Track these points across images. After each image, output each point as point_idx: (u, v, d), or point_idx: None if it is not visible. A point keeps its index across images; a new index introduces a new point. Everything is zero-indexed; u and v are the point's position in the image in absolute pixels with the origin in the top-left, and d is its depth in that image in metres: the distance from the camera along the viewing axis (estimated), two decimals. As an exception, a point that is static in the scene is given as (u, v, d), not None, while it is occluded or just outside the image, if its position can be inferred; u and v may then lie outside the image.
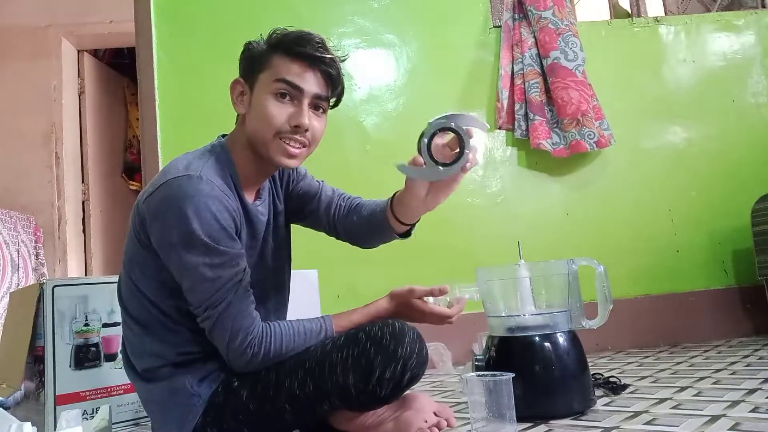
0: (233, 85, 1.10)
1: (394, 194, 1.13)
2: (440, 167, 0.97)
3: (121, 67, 4.05)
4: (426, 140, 0.96)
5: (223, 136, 1.15)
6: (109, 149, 3.83)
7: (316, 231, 1.30)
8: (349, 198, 1.28)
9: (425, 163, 0.97)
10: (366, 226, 1.21)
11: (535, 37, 2.21)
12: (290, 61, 1.04)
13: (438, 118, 0.96)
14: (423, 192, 1.03)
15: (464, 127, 0.96)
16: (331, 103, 1.11)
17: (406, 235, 1.18)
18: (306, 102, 1.04)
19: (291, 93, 1.04)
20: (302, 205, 1.26)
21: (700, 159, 2.27)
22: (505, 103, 2.19)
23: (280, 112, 1.03)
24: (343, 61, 1.10)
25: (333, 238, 1.30)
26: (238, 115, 1.13)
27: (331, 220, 1.26)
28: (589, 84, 2.15)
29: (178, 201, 0.96)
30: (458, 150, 0.96)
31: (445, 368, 1.88)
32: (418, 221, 1.16)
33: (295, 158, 1.06)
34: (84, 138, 3.54)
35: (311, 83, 1.05)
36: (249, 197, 1.12)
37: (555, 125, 2.17)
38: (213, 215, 0.97)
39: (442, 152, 0.98)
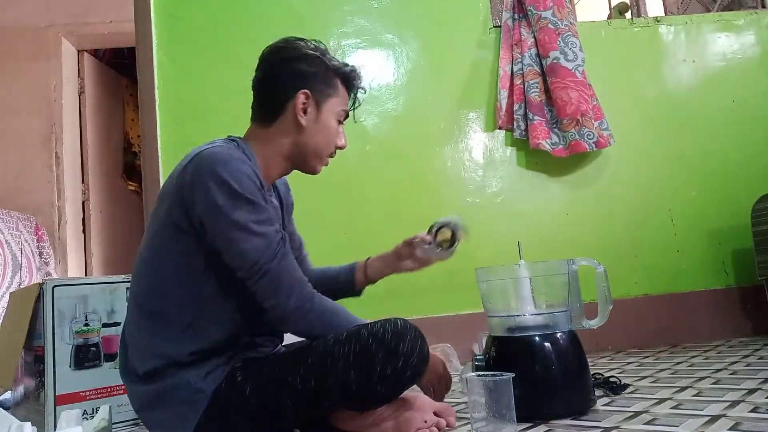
0: (301, 95, 1.14)
1: (367, 259, 1.36)
2: (446, 251, 1.29)
3: (121, 67, 4.04)
4: (433, 235, 1.30)
5: (231, 139, 1.15)
6: (109, 149, 3.83)
7: None
8: (304, 259, 1.38)
9: (430, 243, 1.29)
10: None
11: (534, 37, 2.20)
12: (348, 91, 1.23)
13: (441, 220, 1.31)
14: (409, 263, 1.32)
15: (457, 225, 1.29)
16: None
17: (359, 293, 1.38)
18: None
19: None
20: None
21: (700, 159, 2.26)
22: (504, 103, 2.19)
23: (340, 135, 1.22)
24: None
25: None
26: (265, 118, 1.16)
27: None
28: (588, 84, 2.15)
29: (213, 165, 1.01)
30: (452, 238, 1.30)
31: (452, 368, 1.88)
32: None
33: None
34: (84, 138, 3.54)
35: None
36: None
37: (554, 125, 2.17)
38: (247, 175, 1.03)
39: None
